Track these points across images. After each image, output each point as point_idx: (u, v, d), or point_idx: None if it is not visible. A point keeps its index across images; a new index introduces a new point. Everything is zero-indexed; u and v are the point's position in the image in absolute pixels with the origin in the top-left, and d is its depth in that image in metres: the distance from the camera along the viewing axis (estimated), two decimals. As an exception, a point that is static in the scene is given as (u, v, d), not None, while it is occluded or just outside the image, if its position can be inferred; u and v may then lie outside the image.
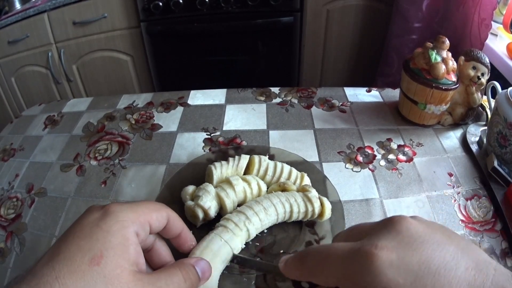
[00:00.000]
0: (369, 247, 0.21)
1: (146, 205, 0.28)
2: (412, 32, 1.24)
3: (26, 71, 1.46)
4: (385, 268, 0.20)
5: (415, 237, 0.21)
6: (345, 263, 0.22)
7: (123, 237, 0.25)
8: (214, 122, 0.66)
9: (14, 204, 0.53)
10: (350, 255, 0.22)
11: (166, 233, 0.30)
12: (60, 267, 0.22)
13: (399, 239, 0.21)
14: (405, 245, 0.21)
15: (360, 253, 0.21)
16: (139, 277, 0.24)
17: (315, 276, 0.24)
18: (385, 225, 0.23)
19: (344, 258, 0.22)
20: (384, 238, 0.22)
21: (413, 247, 0.21)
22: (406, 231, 0.22)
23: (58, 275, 0.21)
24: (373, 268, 0.20)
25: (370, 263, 0.20)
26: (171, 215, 0.30)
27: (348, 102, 0.70)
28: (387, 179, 0.54)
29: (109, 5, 1.37)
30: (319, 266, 0.24)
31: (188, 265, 0.28)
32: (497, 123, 0.53)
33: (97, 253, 0.23)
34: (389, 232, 0.22)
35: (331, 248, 0.24)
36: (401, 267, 0.20)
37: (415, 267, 0.20)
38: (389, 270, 0.20)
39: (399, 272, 0.20)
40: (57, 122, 0.70)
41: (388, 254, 0.20)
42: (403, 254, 0.20)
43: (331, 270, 0.23)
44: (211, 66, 1.58)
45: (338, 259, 0.23)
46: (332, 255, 0.23)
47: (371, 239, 0.22)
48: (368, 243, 0.22)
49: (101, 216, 0.25)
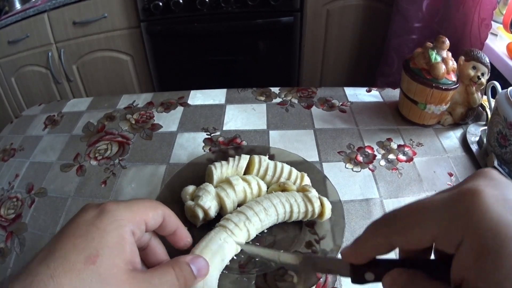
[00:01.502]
0: (472, 185, 0.20)
1: (142, 203, 0.28)
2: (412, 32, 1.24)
3: (26, 71, 1.46)
4: (492, 203, 0.19)
5: (506, 182, 0.21)
6: (447, 207, 0.20)
7: (119, 236, 0.24)
8: (214, 122, 0.66)
9: (14, 204, 0.53)
10: (451, 199, 0.20)
11: (161, 230, 0.30)
12: (55, 265, 0.22)
13: (494, 182, 0.21)
14: (502, 185, 0.20)
15: (463, 192, 0.20)
16: (134, 276, 0.24)
17: (405, 234, 0.21)
18: (476, 174, 0.22)
19: (444, 203, 0.20)
20: (482, 180, 0.21)
21: (510, 188, 0.20)
22: (498, 177, 0.21)
23: (53, 273, 0.21)
24: (480, 204, 0.19)
25: (477, 199, 0.19)
26: (166, 212, 0.29)
27: (348, 102, 0.70)
28: (387, 179, 0.54)
29: (109, 5, 1.37)
30: (413, 219, 0.21)
31: (182, 263, 0.28)
32: (497, 123, 0.53)
33: (92, 252, 0.23)
34: (483, 177, 0.21)
35: (424, 200, 0.22)
36: (506, 203, 0.19)
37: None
38: (496, 206, 0.19)
39: (505, 207, 0.19)
40: (57, 122, 0.70)
41: (492, 191, 0.19)
42: (503, 192, 0.20)
43: (428, 220, 0.20)
44: (211, 66, 1.58)
45: (438, 207, 0.20)
46: (428, 205, 0.21)
47: (469, 183, 0.21)
48: (469, 184, 0.20)
49: (97, 214, 0.25)
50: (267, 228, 0.44)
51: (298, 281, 0.39)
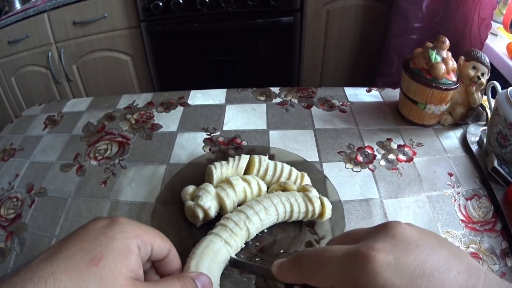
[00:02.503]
0: (366, 249, 0.22)
1: (153, 229, 0.29)
2: (412, 32, 1.24)
3: (26, 71, 1.46)
4: (382, 269, 0.20)
5: (410, 240, 0.22)
6: (342, 265, 0.22)
7: (125, 246, 0.25)
8: (214, 122, 0.66)
9: (14, 204, 0.53)
10: (347, 257, 0.22)
11: (163, 266, 0.30)
12: (58, 264, 0.22)
13: (395, 242, 0.22)
14: (401, 248, 0.21)
15: (357, 254, 0.22)
16: (135, 284, 0.24)
17: (311, 278, 0.25)
18: (380, 230, 0.24)
19: (341, 260, 0.23)
20: (381, 241, 0.22)
21: (408, 250, 0.21)
22: (401, 235, 0.23)
23: (55, 270, 0.22)
24: (370, 269, 0.21)
25: (367, 265, 0.21)
26: (173, 250, 0.30)
27: (348, 102, 0.70)
28: (387, 179, 0.54)
29: (109, 5, 1.37)
30: (315, 268, 0.24)
31: (187, 277, 0.28)
32: (497, 123, 0.53)
33: (97, 254, 0.23)
34: (385, 235, 0.23)
35: (327, 250, 0.24)
36: (398, 268, 0.20)
37: (411, 269, 0.20)
38: (386, 271, 0.20)
39: (395, 273, 0.20)
40: (57, 122, 0.70)
41: (385, 255, 0.21)
42: (399, 256, 0.21)
43: (327, 273, 0.23)
44: (211, 66, 1.58)
45: (335, 261, 0.23)
46: (328, 257, 0.23)
47: (367, 241, 0.23)
48: (365, 245, 0.22)
49: (107, 224, 0.26)
50: (267, 228, 0.44)
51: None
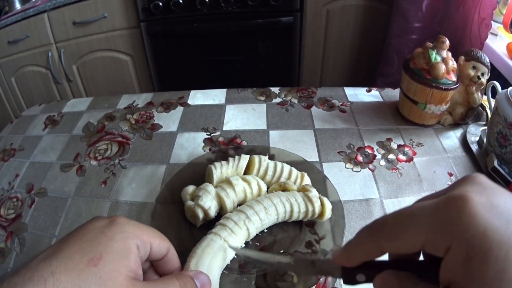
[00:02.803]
0: (460, 192, 0.20)
1: (151, 229, 0.29)
2: (412, 32, 1.24)
3: (26, 71, 1.46)
4: (480, 210, 0.19)
5: (494, 187, 0.21)
6: (435, 214, 0.21)
7: (125, 245, 0.25)
8: (214, 122, 0.66)
9: (14, 204, 0.53)
10: (439, 205, 0.21)
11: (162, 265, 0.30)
12: (58, 264, 0.22)
13: (482, 188, 0.21)
14: (490, 192, 0.21)
15: (451, 199, 0.20)
16: (134, 283, 0.24)
17: (395, 240, 0.22)
18: (463, 180, 0.22)
19: (433, 210, 0.21)
20: (470, 186, 0.21)
21: (497, 194, 0.21)
22: (485, 182, 0.22)
23: (54, 270, 0.22)
24: (469, 210, 0.19)
25: (465, 206, 0.19)
26: (172, 250, 0.30)
27: (348, 102, 0.70)
28: (387, 179, 0.54)
29: (109, 5, 1.37)
30: (401, 226, 0.22)
31: (187, 276, 0.28)
32: (497, 123, 0.53)
33: (96, 254, 0.23)
34: (471, 183, 0.22)
35: (414, 206, 0.22)
36: (493, 209, 0.19)
37: (504, 209, 0.19)
38: (484, 212, 0.19)
39: (492, 214, 0.19)
40: (57, 122, 0.70)
41: (480, 197, 0.20)
42: (491, 198, 0.20)
43: (417, 227, 0.21)
44: (211, 66, 1.58)
45: (426, 213, 0.21)
46: (417, 212, 0.21)
47: (456, 189, 0.21)
48: (456, 191, 0.21)
49: (107, 224, 0.26)
50: (267, 228, 0.44)
51: (298, 281, 0.39)
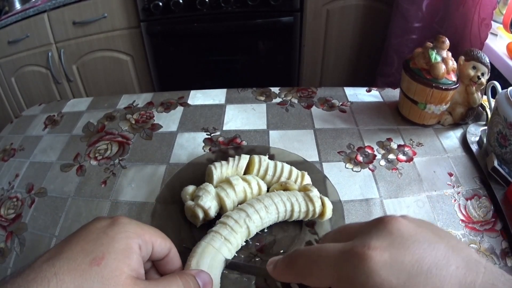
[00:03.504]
0: (362, 247, 0.21)
1: (153, 228, 0.29)
2: (412, 32, 1.24)
3: (26, 71, 1.46)
4: (378, 268, 0.20)
5: (406, 236, 0.21)
6: (337, 264, 0.22)
7: (127, 245, 0.25)
8: (214, 122, 0.66)
9: (14, 204, 0.53)
10: (342, 256, 0.22)
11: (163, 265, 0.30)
12: (61, 264, 0.22)
13: (391, 239, 0.21)
14: (397, 245, 0.21)
15: (352, 254, 0.21)
16: (137, 283, 0.24)
17: (306, 278, 0.24)
18: (375, 225, 0.23)
19: (336, 259, 0.22)
20: (376, 238, 0.22)
21: (405, 247, 0.21)
22: (397, 231, 0.22)
23: (57, 271, 0.22)
24: (366, 268, 0.20)
25: (363, 264, 0.20)
26: (173, 249, 0.30)
27: (348, 102, 0.70)
28: (387, 179, 0.54)
29: (109, 5, 1.37)
30: (309, 268, 0.24)
31: (189, 275, 0.28)
32: (497, 123, 0.53)
33: (99, 254, 0.23)
34: (381, 232, 0.22)
35: (322, 249, 0.24)
36: (394, 267, 0.20)
37: (408, 266, 0.20)
38: (382, 270, 0.20)
39: (392, 271, 0.20)
40: (57, 122, 0.70)
41: (381, 254, 0.20)
42: (395, 254, 0.20)
43: (322, 272, 0.23)
44: (211, 66, 1.58)
45: (330, 261, 0.22)
46: (323, 256, 0.23)
47: (362, 239, 0.22)
48: (360, 243, 0.22)
49: (109, 224, 0.26)
50: (267, 228, 0.44)
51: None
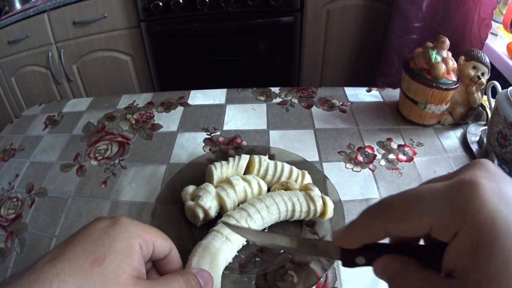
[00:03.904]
0: (470, 176, 0.20)
1: (154, 229, 0.29)
2: (412, 32, 1.24)
3: (26, 71, 1.46)
4: (489, 196, 0.19)
5: (502, 174, 0.21)
6: (445, 197, 0.20)
7: (128, 245, 0.25)
8: (214, 122, 0.66)
9: (14, 204, 0.53)
10: (449, 189, 0.20)
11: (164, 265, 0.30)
12: (62, 265, 0.22)
13: (491, 174, 0.20)
14: (499, 178, 0.20)
15: (462, 183, 0.20)
16: (138, 282, 0.24)
17: (404, 222, 0.21)
18: (472, 164, 0.22)
19: (442, 193, 0.20)
20: (479, 171, 0.21)
21: (505, 182, 0.20)
22: (494, 168, 0.21)
23: (59, 272, 0.22)
24: (478, 196, 0.19)
25: (475, 191, 0.19)
26: (174, 249, 0.30)
27: (348, 102, 0.70)
28: (387, 178, 0.54)
29: (109, 5, 1.37)
30: (409, 208, 0.21)
31: (189, 273, 0.28)
32: (497, 123, 0.53)
33: (100, 255, 0.23)
34: (480, 168, 0.21)
35: (421, 189, 0.21)
36: (502, 197, 0.19)
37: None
38: (493, 199, 0.19)
39: (501, 201, 0.19)
40: (57, 122, 0.70)
41: (489, 183, 0.19)
42: (500, 185, 0.20)
43: (426, 210, 0.20)
44: (211, 66, 1.58)
45: (436, 196, 0.20)
46: (426, 195, 0.21)
47: (467, 173, 0.21)
48: (467, 175, 0.20)
49: (110, 224, 0.26)
50: (268, 227, 0.44)
51: (298, 281, 0.39)
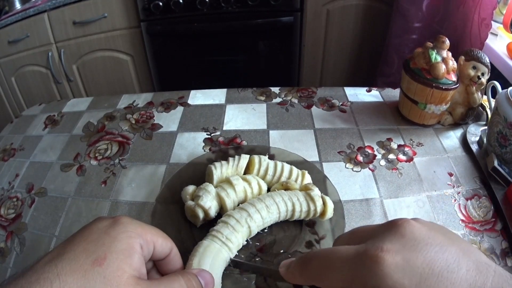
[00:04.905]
0: (375, 250, 0.21)
1: (154, 228, 0.29)
2: (412, 32, 1.24)
3: (26, 71, 1.46)
4: (391, 270, 0.20)
5: (419, 239, 0.22)
6: (351, 267, 0.22)
7: (128, 245, 0.25)
8: (214, 122, 0.66)
9: (14, 204, 0.53)
10: (355, 258, 0.22)
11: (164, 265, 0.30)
12: (63, 265, 0.22)
13: (403, 242, 0.22)
14: (410, 248, 0.21)
15: (365, 256, 0.21)
16: (139, 282, 0.24)
17: (319, 281, 0.24)
18: (388, 228, 0.23)
19: (349, 261, 0.22)
20: (389, 241, 0.22)
21: (417, 249, 0.21)
22: (410, 234, 0.22)
23: (60, 272, 0.22)
24: (380, 271, 0.20)
25: (376, 266, 0.21)
26: (175, 249, 0.30)
27: (348, 102, 0.70)
28: (387, 178, 0.54)
29: (109, 5, 1.37)
30: (323, 270, 0.24)
31: (191, 273, 0.29)
32: (497, 123, 0.53)
33: (101, 255, 0.24)
34: (393, 235, 0.22)
35: (335, 251, 0.24)
36: (406, 269, 0.20)
37: (420, 269, 0.20)
38: (395, 272, 0.20)
39: (404, 274, 0.20)
40: (57, 122, 0.70)
41: (394, 256, 0.21)
42: (408, 257, 0.21)
43: (336, 275, 0.23)
44: (211, 66, 1.58)
45: (343, 263, 0.23)
46: (336, 259, 0.23)
47: (375, 242, 0.22)
48: (373, 246, 0.22)
49: (110, 224, 0.26)
50: (268, 227, 0.44)
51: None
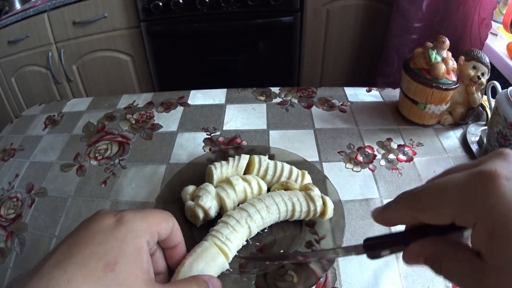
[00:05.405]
0: (489, 168, 0.20)
1: (157, 215, 0.29)
2: (412, 32, 1.24)
3: (26, 71, 1.46)
4: (508, 189, 0.19)
5: None
6: (466, 189, 0.21)
7: (136, 246, 0.25)
8: (214, 122, 0.66)
9: (14, 204, 0.53)
10: (469, 180, 0.21)
11: (165, 242, 0.30)
12: (73, 270, 0.22)
13: (511, 166, 0.21)
14: None
15: (481, 175, 0.20)
16: (152, 286, 0.24)
17: (428, 211, 0.23)
18: (494, 155, 0.22)
19: (463, 184, 0.21)
20: (500, 162, 0.21)
21: None
22: None
23: (71, 278, 0.21)
24: (497, 188, 0.19)
25: (492, 185, 0.19)
26: (176, 225, 0.30)
27: (348, 102, 0.70)
28: (387, 178, 0.54)
29: (109, 5, 1.37)
30: (437, 200, 0.22)
31: (202, 280, 0.29)
32: (497, 123, 0.53)
33: (111, 259, 0.23)
34: (500, 159, 0.21)
35: (446, 180, 0.22)
36: None
37: None
38: (511, 191, 0.19)
39: None
40: (57, 122, 0.70)
41: (509, 175, 0.20)
42: None
43: (449, 201, 0.21)
44: (211, 66, 1.58)
45: (458, 187, 0.21)
46: (449, 187, 0.22)
47: (487, 164, 0.21)
48: (488, 166, 0.21)
49: (114, 224, 0.25)
50: (268, 227, 0.44)
51: (298, 281, 0.39)
